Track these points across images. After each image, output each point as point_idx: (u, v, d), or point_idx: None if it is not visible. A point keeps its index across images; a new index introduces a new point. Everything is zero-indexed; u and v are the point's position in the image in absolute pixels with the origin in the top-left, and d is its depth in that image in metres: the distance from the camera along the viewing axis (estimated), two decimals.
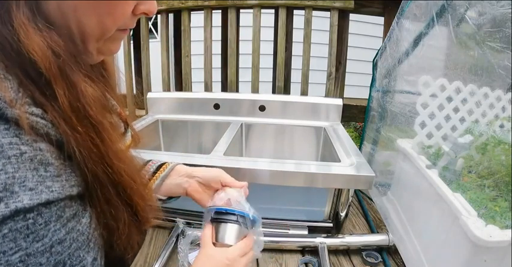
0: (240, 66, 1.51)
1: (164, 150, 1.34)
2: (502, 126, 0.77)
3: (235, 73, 1.48)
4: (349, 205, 0.89)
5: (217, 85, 1.54)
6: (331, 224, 0.91)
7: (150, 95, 1.36)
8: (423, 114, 0.82)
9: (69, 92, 0.31)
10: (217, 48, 1.50)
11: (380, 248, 0.85)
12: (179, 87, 1.58)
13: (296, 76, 1.48)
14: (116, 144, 0.36)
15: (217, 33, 1.49)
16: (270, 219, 0.91)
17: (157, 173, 0.59)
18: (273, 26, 1.46)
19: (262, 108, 1.29)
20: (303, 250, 0.86)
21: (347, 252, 0.86)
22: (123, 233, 0.37)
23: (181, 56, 1.48)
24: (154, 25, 3.16)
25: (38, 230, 0.27)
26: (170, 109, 1.34)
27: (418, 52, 0.90)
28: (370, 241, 0.86)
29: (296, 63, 1.48)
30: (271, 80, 1.52)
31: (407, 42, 0.94)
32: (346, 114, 1.33)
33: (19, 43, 0.28)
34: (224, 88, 1.57)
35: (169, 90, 1.54)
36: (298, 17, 1.42)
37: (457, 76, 0.77)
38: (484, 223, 0.53)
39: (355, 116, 1.47)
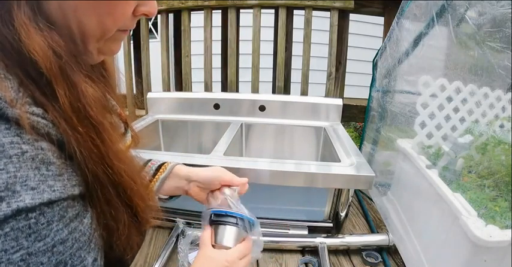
0: (240, 66, 1.51)
1: (164, 150, 1.34)
2: (502, 126, 0.77)
3: (235, 73, 1.48)
4: (349, 205, 0.89)
5: (217, 85, 1.54)
6: (331, 224, 0.91)
7: (150, 95, 1.36)
8: (423, 114, 0.82)
9: (70, 92, 0.31)
10: (217, 48, 1.50)
11: (380, 248, 0.85)
12: (179, 87, 1.58)
13: (296, 76, 1.48)
14: (117, 145, 0.36)
15: (217, 33, 1.49)
16: (270, 219, 0.91)
17: (157, 174, 0.59)
18: (273, 26, 1.46)
19: (262, 108, 1.29)
20: (303, 250, 0.86)
21: (347, 252, 0.86)
22: (123, 233, 0.37)
23: (181, 56, 1.48)
24: (154, 25, 3.16)
25: (40, 230, 0.28)
26: (170, 109, 1.34)
27: (418, 52, 0.90)
28: (370, 241, 0.86)
29: (296, 63, 1.48)
30: (271, 80, 1.52)
31: (407, 42, 0.94)
32: (346, 114, 1.33)
33: (20, 43, 0.28)
34: (224, 88, 1.57)
35: (169, 90, 1.54)
36: (298, 17, 1.42)
37: (457, 76, 0.77)
38: (484, 223, 0.53)
39: (355, 116, 1.47)
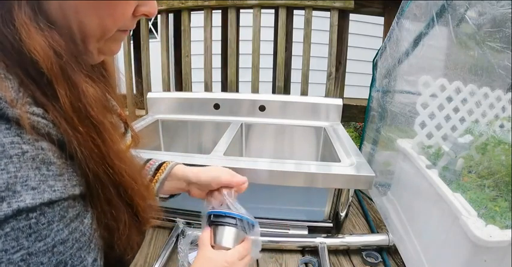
0: (240, 66, 1.51)
1: (164, 150, 1.34)
2: (502, 126, 0.77)
3: (235, 73, 1.48)
4: (349, 205, 0.89)
5: (217, 85, 1.54)
6: (331, 224, 0.91)
7: (150, 95, 1.36)
8: (423, 114, 0.82)
9: (71, 92, 0.31)
10: (217, 48, 1.50)
11: (380, 248, 0.86)
12: (179, 87, 1.58)
13: (296, 76, 1.48)
14: (117, 144, 0.36)
15: (217, 33, 1.49)
16: (270, 219, 0.91)
17: (157, 175, 0.59)
18: (273, 26, 1.46)
19: (262, 108, 1.29)
20: (303, 250, 0.86)
21: (347, 252, 0.86)
22: (124, 233, 0.37)
23: (181, 56, 1.48)
24: (154, 25, 3.16)
25: (40, 230, 0.28)
26: (170, 109, 1.34)
27: (418, 52, 0.90)
28: (370, 241, 0.86)
29: (296, 63, 1.48)
30: (271, 80, 1.52)
31: (407, 42, 0.94)
32: (346, 114, 1.33)
33: (20, 42, 0.28)
34: (224, 88, 1.57)
35: (169, 90, 1.54)
36: (298, 17, 1.42)
37: (457, 76, 0.77)
38: (484, 223, 0.53)
39: (355, 116, 1.47)
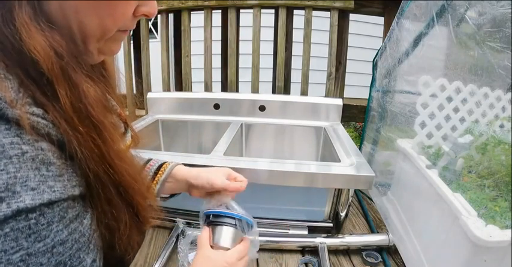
0: (240, 66, 1.51)
1: (164, 150, 1.34)
2: (502, 126, 0.77)
3: (235, 73, 1.48)
4: (349, 205, 0.89)
5: (217, 85, 1.54)
6: (331, 224, 0.91)
7: (150, 95, 1.36)
8: (423, 114, 0.82)
9: (71, 92, 0.31)
10: (217, 48, 1.50)
11: (380, 248, 0.85)
12: (179, 87, 1.58)
13: (296, 76, 1.48)
14: (118, 144, 0.36)
15: (217, 33, 1.49)
16: (270, 219, 0.91)
17: (157, 176, 0.59)
18: (273, 26, 1.46)
19: (262, 108, 1.29)
20: (303, 250, 0.86)
21: (347, 252, 0.86)
22: (124, 233, 0.37)
23: (181, 56, 1.48)
24: (154, 25, 3.16)
25: (40, 230, 0.27)
26: (170, 109, 1.34)
27: (418, 52, 0.90)
28: (370, 241, 0.86)
29: (296, 63, 1.48)
30: (271, 80, 1.52)
31: (407, 42, 0.94)
32: (346, 114, 1.33)
33: (21, 42, 0.28)
34: (224, 88, 1.57)
35: (169, 90, 1.54)
36: (298, 17, 1.42)
37: (457, 76, 0.77)
38: (484, 223, 0.53)
39: (355, 116, 1.47)
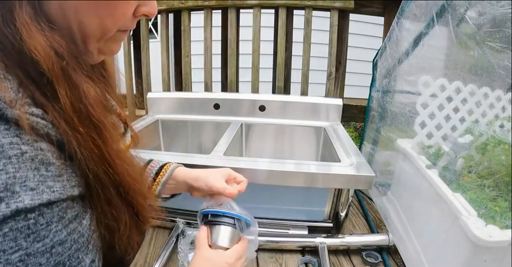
0: (240, 66, 1.51)
1: (164, 150, 1.34)
2: (502, 126, 0.77)
3: (235, 73, 1.48)
4: (349, 205, 0.89)
5: (217, 85, 1.54)
6: (331, 224, 0.91)
7: (150, 95, 1.36)
8: (423, 114, 0.82)
9: (71, 93, 0.30)
10: (217, 48, 1.50)
11: (380, 248, 0.85)
12: (179, 87, 1.58)
13: (296, 76, 1.48)
14: (117, 144, 0.36)
15: (217, 33, 1.48)
16: (270, 219, 0.91)
17: (158, 178, 0.60)
18: (273, 26, 1.46)
19: (262, 108, 1.29)
20: (303, 250, 0.86)
21: (347, 252, 0.86)
22: (124, 233, 0.37)
23: (181, 56, 1.48)
24: (154, 25, 3.16)
25: (39, 231, 0.27)
26: (170, 109, 1.34)
27: (418, 52, 0.90)
28: (370, 241, 0.86)
29: (296, 63, 1.48)
30: (271, 80, 1.52)
31: (407, 42, 0.94)
32: (346, 114, 1.33)
33: (21, 42, 0.28)
34: (224, 88, 1.57)
35: (169, 90, 1.54)
36: (298, 17, 1.42)
37: (457, 76, 0.77)
38: (484, 223, 0.53)
39: (355, 116, 1.47)
